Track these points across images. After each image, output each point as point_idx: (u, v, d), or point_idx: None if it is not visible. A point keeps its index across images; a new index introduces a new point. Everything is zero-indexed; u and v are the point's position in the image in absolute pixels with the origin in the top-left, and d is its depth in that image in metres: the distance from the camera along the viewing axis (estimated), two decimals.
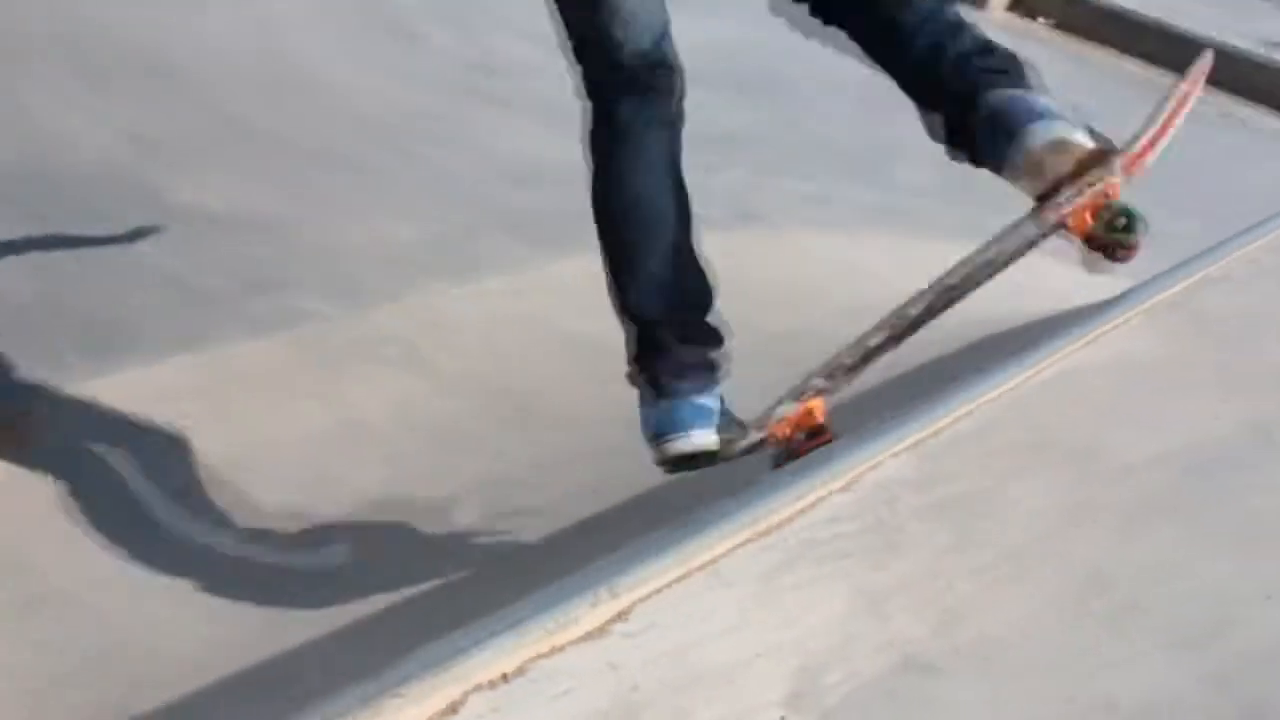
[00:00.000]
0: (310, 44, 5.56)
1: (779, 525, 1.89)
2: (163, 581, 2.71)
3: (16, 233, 3.84)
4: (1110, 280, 4.54)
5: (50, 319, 3.50)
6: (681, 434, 2.18)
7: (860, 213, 4.95)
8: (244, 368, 3.45)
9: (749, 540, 1.84)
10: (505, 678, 1.54)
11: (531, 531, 2.99)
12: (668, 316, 2.26)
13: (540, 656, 1.58)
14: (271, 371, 3.47)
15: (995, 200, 5.35)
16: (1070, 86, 6.76)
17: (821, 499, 1.97)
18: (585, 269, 4.31)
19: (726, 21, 6.78)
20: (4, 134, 4.30)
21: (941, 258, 4.55)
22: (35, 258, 3.74)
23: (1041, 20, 7.23)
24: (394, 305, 3.85)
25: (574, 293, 4.15)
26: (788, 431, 2.15)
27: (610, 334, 3.93)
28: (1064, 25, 7.19)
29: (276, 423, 3.27)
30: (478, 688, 1.51)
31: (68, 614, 2.59)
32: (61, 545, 2.75)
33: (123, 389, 3.23)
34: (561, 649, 1.60)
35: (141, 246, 3.83)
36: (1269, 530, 2.19)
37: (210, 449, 3.13)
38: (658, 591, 1.72)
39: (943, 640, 1.75)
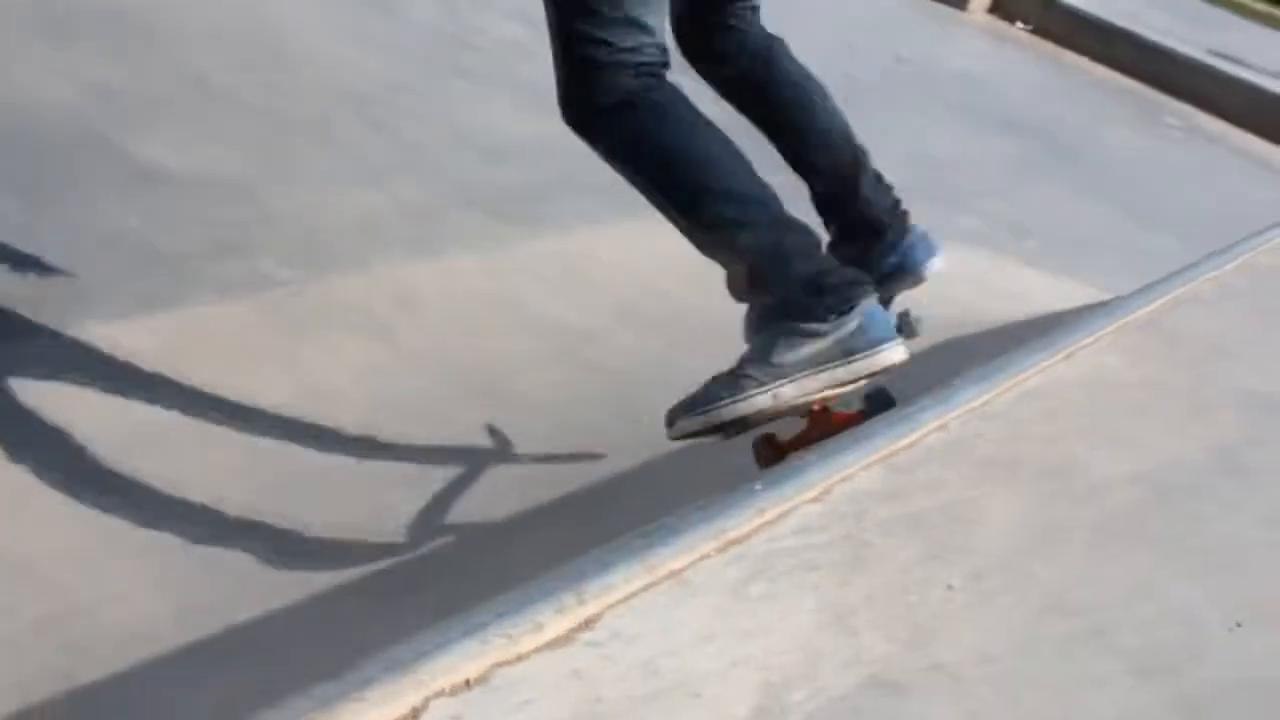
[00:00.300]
0: (288, 9, 5.46)
1: (748, 535, 1.87)
2: (112, 548, 2.66)
3: None
4: (1078, 288, 4.59)
5: (8, 274, 3.42)
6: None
7: None
8: (207, 332, 3.39)
9: (717, 550, 1.82)
10: (468, 684, 1.51)
11: (498, 509, 2.96)
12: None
13: (504, 663, 1.55)
14: (235, 336, 3.41)
15: (961, 201, 5.38)
16: (1044, 89, 6.85)
17: (792, 509, 1.94)
18: (557, 249, 4.31)
19: None
20: None
21: None
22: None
23: (1020, 24, 7.26)
24: (362, 276, 3.79)
25: (545, 274, 4.14)
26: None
27: (580, 318, 3.93)
28: (1040, 30, 7.23)
29: (239, 388, 3.21)
30: (439, 694, 1.48)
31: (12, 577, 2.53)
32: (6, 508, 2.69)
33: (80, 349, 3.16)
34: (526, 656, 1.57)
35: (106, 204, 3.75)
36: (1238, 556, 2.20)
37: (170, 413, 3.07)
38: (624, 600, 1.69)
39: (910, 658, 1.74)
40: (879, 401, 2.22)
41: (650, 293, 4.11)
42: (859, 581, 1.86)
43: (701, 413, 2.06)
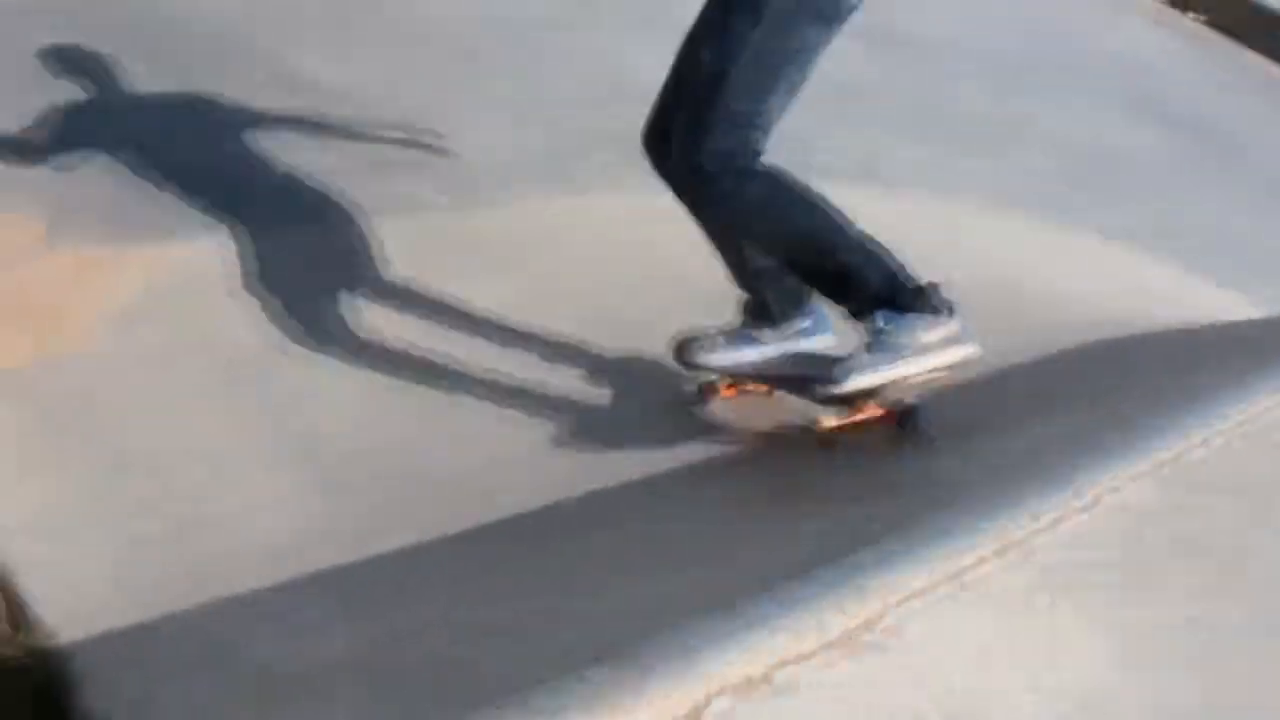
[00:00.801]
0: None
1: (1020, 541, 1.66)
2: (263, 458, 2.50)
3: (140, 84, 3.61)
4: (1232, 295, 4.33)
5: (158, 181, 3.26)
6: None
7: (969, 187, 4.69)
8: (350, 246, 3.21)
9: (995, 554, 1.62)
10: (750, 682, 1.32)
11: (629, 464, 2.74)
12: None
13: (786, 662, 1.35)
14: (384, 258, 3.24)
15: (1111, 194, 5.10)
16: (1213, 84, 6.51)
17: (1062, 517, 1.74)
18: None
19: None
20: None
21: (1043, 245, 4.38)
22: (155, 113, 3.51)
23: (1193, 15, 6.90)
24: (505, 209, 3.60)
25: (686, 227, 3.91)
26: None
27: (719, 275, 3.71)
28: (1215, 22, 6.87)
29: (373, 308, 3.05)
30: (722, 691, 1.29)
31: (159, 478, 2.38)
32: (159, 408, 2.53)
33: (230, 255, 3.01)
34: (809, 656, 1.37)
35: (261, 112, 3.59)
36: None
37: (302, 328, 2.90)
38: (904, 600, 1.50)
39: (1210, 705, 1.54)
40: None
41: None
42: (1145, 609, 1.65)
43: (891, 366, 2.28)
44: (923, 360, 2.27)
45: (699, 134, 2.30)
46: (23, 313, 2.69)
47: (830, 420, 2.48)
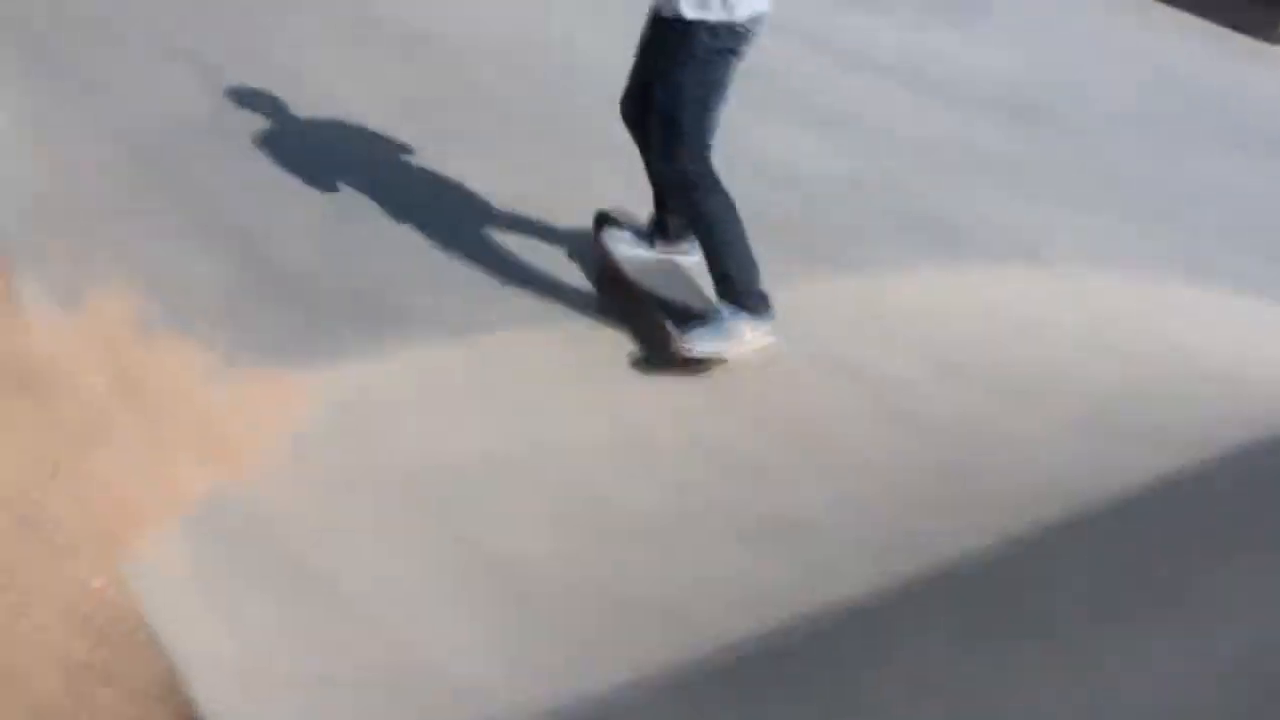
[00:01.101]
0: (575, 28, 5.34)
1: None
2: (456, 588, 2.48)
3: (289, 194, 3.72)
4: None
5: (323, 287, 3.32)
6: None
7: (1151, 255, 4.47)
8: (519, 358, 3.19)
9: None
10: None
11: (843, 585, 2.62)
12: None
13: None
14: (548, 366, 3.20)
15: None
16: None
17: None
18: (863, 292, 3.97)
19: (999, 49, 6.38)
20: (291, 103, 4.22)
21: (1248, 317, 4.12)
22: (319, 238, 3.59)
23: None
24: None
25: (850, 317, 3.79)
26: None
27: (892, 368, 3.58)
28: None
29: (550, 423, 3.00)
30: None
31: (348, 614, 2.36)
32: (342, 536, 2.52)
33: (394, 366, 3.04)
34: None
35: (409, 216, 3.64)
36: None
37: (479, 442, 2.87)
38: None
39: None
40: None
41: (969, 343, 3.73)
42: None
43: (721, 343, 3.30)
44: (739, 345, 3.30)
45: (672, 155, 3.23)
46: (203, 442, 2.72)
47: (682, 356, 3.28)
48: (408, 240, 3.60)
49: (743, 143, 4.21)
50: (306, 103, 4.24)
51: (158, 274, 3.22)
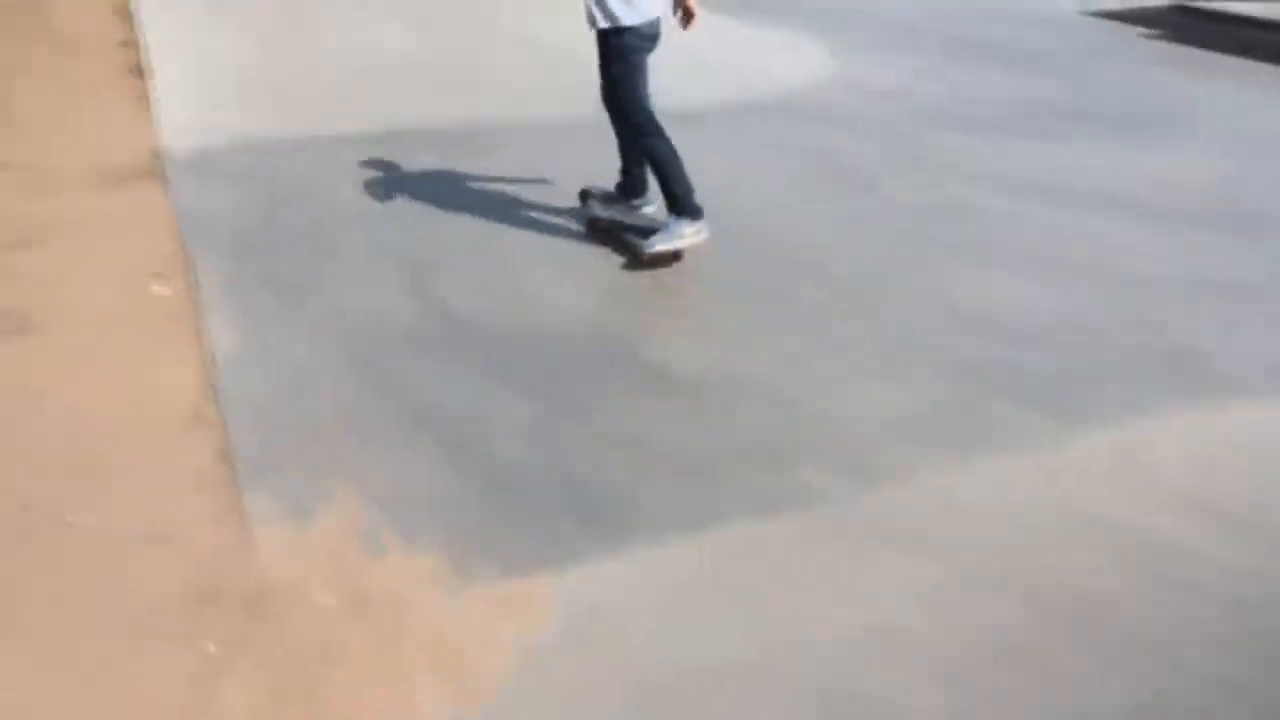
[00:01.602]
0: (760, 194, 5.27)
1: None
2: None
3: (502, 390, 3.68)
4: None
5: (545, 487, 3.20)
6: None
7: None
8: (752, 549, 2.99)
9: None
10: None
11: None
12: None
13: None
14: (784, 556, 2.99)
15: None
16: None
17: None
18: (1113, 444, 3.66)
19: (1208, 163, 6.05)
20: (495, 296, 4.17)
21: None
22: (524, 422, 3.51)
23: None
24: (905, 485, 3.30)
25: (1104, 472, 3.47)
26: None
27: (1157, 526, 3.24)
28: None
29: (796, 619, 2.77)
30: None
31: None
32: None
33: (629, 569, 2.86)
34: None
35: (621, 407, 3.52)
36: None
37: (723, 645, 2.66)
38: None
39: None
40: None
41: (1232, 491, 3.37)
42: None
43: (670, 241, 4.61)
44: (682, 240, 4.58)
45: (628, 121, 4.57)
46: (436, 657, 2.59)
47: (644, 256, 4.59)
48: (623, 429, 3.49)
49: (958, 290, 4.01)
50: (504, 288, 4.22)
51: (379, 482, 3.17)
